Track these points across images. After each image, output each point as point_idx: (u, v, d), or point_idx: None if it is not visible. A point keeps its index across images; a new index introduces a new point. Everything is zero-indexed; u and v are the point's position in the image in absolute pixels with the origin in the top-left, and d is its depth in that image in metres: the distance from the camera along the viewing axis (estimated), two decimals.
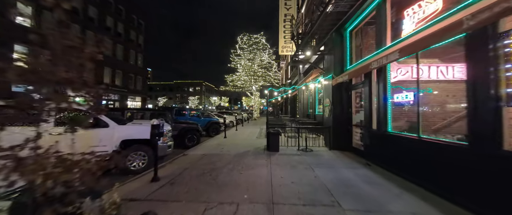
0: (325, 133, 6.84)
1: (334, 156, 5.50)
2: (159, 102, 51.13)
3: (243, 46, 21.41)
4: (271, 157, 5.38)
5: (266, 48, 21.54)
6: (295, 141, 6.54)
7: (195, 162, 4.98)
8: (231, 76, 23.09)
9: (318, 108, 10.24)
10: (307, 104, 12.07)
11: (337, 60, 6.30)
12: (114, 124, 4.27)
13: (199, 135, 7.51)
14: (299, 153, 5.75)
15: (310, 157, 5.36)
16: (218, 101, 55.06)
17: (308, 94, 11.93)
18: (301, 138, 6.47)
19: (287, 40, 11.03)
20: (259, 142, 7.66)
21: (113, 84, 22.55)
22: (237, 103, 77.17)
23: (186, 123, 7.59)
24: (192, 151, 6.30)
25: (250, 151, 6.10)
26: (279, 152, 5.91)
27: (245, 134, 10.36)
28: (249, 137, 9.29)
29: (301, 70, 12.49)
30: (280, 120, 13.21)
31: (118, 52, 23.45)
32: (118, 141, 4.22)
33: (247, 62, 21.44)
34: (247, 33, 20.92)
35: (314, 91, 10.54)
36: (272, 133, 5.87)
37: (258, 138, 8.97)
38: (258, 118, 24.46)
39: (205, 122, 10.22)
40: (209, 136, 10.12)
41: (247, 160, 5.09)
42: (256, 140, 8.39)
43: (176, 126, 7.19)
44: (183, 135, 7.23)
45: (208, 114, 12.93)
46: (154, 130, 3.60)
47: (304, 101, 12.22)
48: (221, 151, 6.16)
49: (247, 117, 20.92)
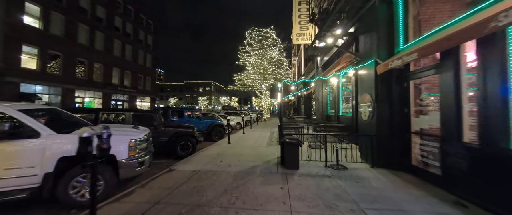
0: (361, 142, 4.88)
1: (386, 181, 3.54)
2: (170, 102, 51.40)
3: (251, 42, 19.72)
4: (288, 179, 3.58)
5: (277, 43, 19.63)
6: (318, 152, 4.68)
7: (177, 187, 3.35)
8: (239, 75, 21.55)
9: (343, 107, 8.19)
10: (327, 103, 10.01)
11: (383, 39, 4.32)
12: (49, 132, 2.75)
13: (195, 142, 5.93)
14: (329, 174, 3.88)
15: (349, 182, 3.47)
16: (228, 101, 54.08)
17: (329, 91, 9.88)
18: (323, 145, 4.58)
19: (303, 25, 9.21)
20: (270, 151, 5.88)
21: (121, 85, 22.14)
22: (247, 103, 75.89)
23: (180, 127, 6.05)
24: (183, 164, 4.70)
25: (258, 168, 4.35)
26: (299, 170, 4.09)
27: (253, 138, 8.64)
28: (258, 143, 7.54)
29: (319, 63, 10.49)
30: (294, 121, 11.30)
31: (127, 52, 23.03)
32: (54, 159, 2.70)
33: (256, 59, 19.73)
34: (256, 28, 19.17)
35: (338, 87, 8.51)
36: (288, 143, 4.06)
37: (269, 144, 7.19)
38: (268, 118, 22.63)
39: (206, 125, 8.67)
40: (212, 140, 8.56)
41: (252, 185, 3.35)
42: (267, 147, 6.61)
43: (167, 131, 5.67)
44: (175, 141, 5.69)
45: (212, 115, 11.41)
46: (82, 147, 1.99)
47: (323, 99, 10.19)
48: (219, 166, 4.49)
49: (257, 118, 19.21)
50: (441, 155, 3.08)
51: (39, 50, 15.24)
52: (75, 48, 17.57)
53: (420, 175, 3.55)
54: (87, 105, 19.18)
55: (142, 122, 5.49)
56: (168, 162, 5.35)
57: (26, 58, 14.69)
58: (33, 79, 14.86)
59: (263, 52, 19.59)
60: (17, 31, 13.86)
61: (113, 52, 21.30)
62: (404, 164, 3.91)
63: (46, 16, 15.59)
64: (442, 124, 3.10)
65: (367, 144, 4.39)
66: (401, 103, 4.05)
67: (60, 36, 16.47)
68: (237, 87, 22.15)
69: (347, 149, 4.78)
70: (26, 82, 14.52)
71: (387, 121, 4.21)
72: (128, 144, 3.23)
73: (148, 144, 3.93)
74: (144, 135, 3.70)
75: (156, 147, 5.61)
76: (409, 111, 3.89)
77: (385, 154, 4.17)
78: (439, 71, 3.16)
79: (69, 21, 17.04)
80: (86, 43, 18.62)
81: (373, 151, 4.23)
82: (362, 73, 4.91)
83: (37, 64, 15.19)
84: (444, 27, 3.00)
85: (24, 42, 14.38)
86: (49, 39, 15.65)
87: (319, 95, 10.37)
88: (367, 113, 4.60)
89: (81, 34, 18.19)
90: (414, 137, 3.81)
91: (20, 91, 14.38)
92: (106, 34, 20.37)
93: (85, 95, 18.82)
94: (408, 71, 3.92)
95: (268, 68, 20.00)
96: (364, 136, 4.59)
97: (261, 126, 15.47)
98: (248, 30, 19.46)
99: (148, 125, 5.42)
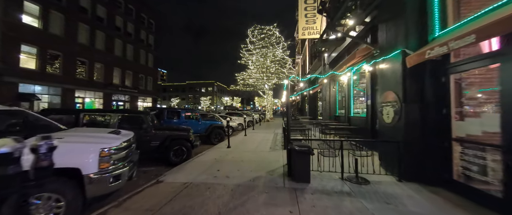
0: (381, 148, 4.11)
1: (425, 202, 2.76)
2: (172, 103, 51.19)
3: (253, 40, 19.01)
4: (299, 198, 2.86)
5: (280, 41, 18.86)
6: (331, 160, 3.94)
7: (161, 207, 2.67)
8: (241, 75, 20.87)
9: (354, 108, 7.40)
10: (335, 103, 9.22)
11: (412, 26, 3.55)
12: None
13: (190, 146, 5.27)
14: (348, 190, 3.14)
15: (377, 204, 2.71)
16: (230, 101, 53.52)
17: (337, 90, 9.09)
18: (337, 152, 3.83)
19: (310, 18, 8.47)
20: (275, 158, 5.16)
21: (123, 85, 21.77)
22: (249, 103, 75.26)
23: (174, 130, 5.39)
24: (173, 174, 4.03)
25: (261, 179, 3.63)
26: (311, 183, 3.36)
27: (256, 141, 7.93)
28: (260, 147, 6.83)
29: (326, 60, 9.70)
30: (299, 122, 10.54)
31: (128, 52, 22.66)
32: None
33: (258, 57, 19.01)
34: (258, 25, 18.44)
35: (348, 85, 7.72)
36: (297, 152, 3.33)
37: (273, 148, 6.46)
38: (271, 119, 21.88)
39: (205, 127, 8.01)
40: (211, 143, 7.89)
41: (253, 206, 2.64)
42: (270, 153, 5.90)
43: (158, 134, 5.02)
44: (168, 146, 5.04)
45: (212, 116, 10.76)
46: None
47: (330, 99, 9.40)
48: (216, 177, 3.80)
49: (259, 118, 18.50)
50: (504, 171, 2.30)
51: (38, 49, 14.91)
52: (75, 47, 17.23)
53: (467, 194, 2.77)
54: (88, 106, 18.85)
55: (131, 124, 4.86)
56: (158, 169, 4.70)
57: (25, 58, 14.37)
58: (32, 79, 14.53)
59: (266, 50, 18.86)
60: (15, 31, 13.53)
61: (114, 52, 20.95)
62: (442, 178, 3.13)
63: (46, 15, 15.26)
64: (503, 130, 2.33)
65: (391, 152, 3.63)
66: (437, 103, 3.27)
67: (60, 36, 16.13)
68: (239, 87, 21.49)
69: (364, 157, 4.01)
70: (25, 82, 14.19)
71: (419, 124, 3.43)
72: (99, 153, 2.57)
73: (130, 152, 3.27)
74: (123, 141, 3.04)
75: (146, 152, 4.98)
76: (449, 112, 3.11)
77: (416, 165, 3.40)
78: (501, 60, 2.38)
79: (69, 21, 16.70)
80: (87, 43, 18.28)
81: (400, 160, 3.46)
82: (383, 68, 4.14)
83: (36, 64, 14.87)
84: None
85: (23, 41, 14.05)
86: (48, 38, 15.32)
87: (327, 95, 9.58)
88: (390, 114, 3.83)
89: (82, 34, 17.85)
90: (455, 145, 3.03)
91: (19, 91, 14.07)
92: (107, 34, 20.02)
93: (86, 96, 18.48)
94: (447, 64, 3.14)
95: (271, 67, 19.26)
96: (386, 142, 3.83)
97: (264, 127, 14.75)
98: (250, 28, 18.75)
99: (137, 127, 4.79)
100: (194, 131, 7.69)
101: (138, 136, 4.80)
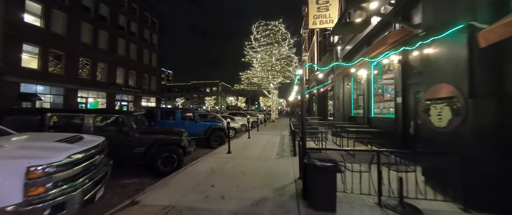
0: (427, 161, 3.04)
1: None
2: (177, 103, 51.07)
3: (258, 37, 18.04)
4: None
5: (286, 38, 17.78)
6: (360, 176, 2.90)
7: None
8: (246, 73, 19.96)
9: (375, 107, 6.29)
10: (350, 102, 8.11)
11: None
12: None
13: (182, 153, 4.38)
14: None
15: None
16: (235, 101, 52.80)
17: (352, 88, 7.98)
18: (364, 165, 2.79)
19: (322, 5, 7.35)
20: (284, 168, 4.19)
21: (126, 85, 21.42)
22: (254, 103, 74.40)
23: (164, 133, 4.53)
24: (155, 191, 3.15)
25: (267, 204, 2.67)
26: (337, 213, 2.36)
27: (260, 145, 6.97)
28: (266, 152, 5.86)
29: (340, 53, 8.60)
30: (308, 124, 9.49)
31: (132, 52, 22.30)
32: None
33: (263, 55, 18.02)
34: (263, 21, 17.42)
35: (367, 81, 6.61)
36: (319, 169, 2.34)
37: (280, 155, 5.48)
38: (276, 119, 20.85)
39: (204, 128, 7.12)
40: (211, 147, 7.00)
41: None
42: (278, 160, 4.92)
43: (143, 139, 4.17)
44: (156, 153, 4.18)
45: (213, 116, 9.89)
46: None
47: (344, 97, 8.30)
48: (207, 197, 2.88)
49: (264, 119, 17.51)
50: None
51: (40, 49, 14.63)
52: (78, 47, 16.91)
53: None
54: (92, 106, 18.57)
55: (109, 126, 4.04)
56: (143, 182, 3.85)
57: (27, 58, 14.10)
58: (34, 79, 14.24)
59: (271, 48, 17.83)
60: (17, 30, 13.24)
61: (117, 51, 20.60)
62: None
63: (48, 14, 14.97)
64: None
65: (443, 167, 2.57)
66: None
67: (62, 35, 15.83)
68: (244, 86, 20.60)
69: (402, 171, 2.94)
70: (26, 82, 13.91)
71: (493, 129, 2.36)
72: (24, 174, 1.70)
73: (93, 165, 2.41)
74: (77, 152, 2.17)
75: (130, 160, 4.16)
76: None
77: (490, 189, 2.33)
78: None
79: (72, 20, 16.39)
80: (90, 42, 17.97)
81: (465, 181, 2.40)
82: (432, 53, 3.06)
83: (38, 64, 14.59)
84: None
85: (25, 41, 13.78)
86: (50, 38, 15.02)
87: (340, 93, 8.48)
88: (445, 115, 2.76)
89: (84, 33, 17.54)
90: None
91: (21, 91, 13.81)
92: (110, 33, 19.68)
93: (89, 95, 18.18)
94: None
95: (276, 65, 18.21)
96: (439, 154, 2.76)
97: (269, 127, 13.77)
98: (254, 24, 17.78)
99: (116, 130, 3.96)
100: (191, 133, 6.85)
101: (118, 141, 3.98)
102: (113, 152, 3.92)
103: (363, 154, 2.82)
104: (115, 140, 3.95)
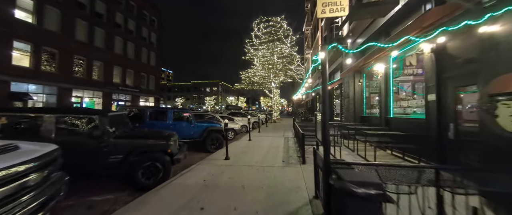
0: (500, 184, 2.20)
1: None
2: (177, 103, 50.32)
3: (259, 34, 17.21)
4: None
5: (288, 34, 16.94)
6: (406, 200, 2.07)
7: None
8: (246, 72, 19.14)
9: (394, 106, 5.46)
10: (362, 101, 7.28)
11: None
12: None
13: (169, 161, 3.58)
14: None
15: None
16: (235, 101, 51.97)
17: (364, 85, 7.15)
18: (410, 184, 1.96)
19: None
20: (293, 181, 3.37)
21: (123, 84, 20.68)
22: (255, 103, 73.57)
23: (146, 137, 3.72)
24: (129, 214, 2.34)
25: None
26: None
27: (263, 148, 6.15)
28: (270, 158, 5.05)
29: (350, 47, 7.76)
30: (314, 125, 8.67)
31: (129, 50, 21.56)
32: None
33: (265, 53, 17.20)
34: (264, 17, 16.58)
35: (385, 76, 5.78)
36: (357, 196, 1.51)
37: (287, 161, 4.66)
38: (278, 119, 20.03)
39: (199, 130, 6.31)
40: (207, 151, 6.19)
41: None
42: (284, 169, 4.11)
43: (119, 145, 3.37)
44: (136, 162, 3.37)
45: (211, 117, 9.09)
46: None
47: (355, 95, 7.47)
48: None
49: (266, 119, 16.69)
50: None
51: (32, 46, 13.90)
52: (73, 45, 16.18)
53: None
54: (88, 106, 17.83)
55: (77, 130, 3.25)
56: (117, 199, 3.05)
57: (18, 55, 13.38)
58: (25, 78, 13.51)
59: (272, 45, 17.00)
60: (7, 26, 12.52)
61: (114, 49, 19.87)
62: None
63: (40, 10, 14.24)
64: None
65: None
66: None
67: (56, 32, 15.10)
68: (244, 85, 19.78)
69: (468, 194, 2.09)
70: (17, 80, 13.18)
71: None
72: None
73: (18, 190, 1.61)
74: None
75: (103, 170, 3.36)
76: None
77: None
78: None
79: (66, 16, 15.66)
80: (85, 40, 17.24)
81: None
82: (503, 30, 2.23)
83: (30, 62, 13.86)
84: None
85: (15, 37, 13.05)
86: (43, 35, 14.29)
87: (349, 91, 7.65)
88: None
89: (79, 30, 16.80)
90: None
91: (11, 90, 13.09)
92: (106, 31, 18.95)
93: (84, 95, 17.45)
94: None
95: (278, 64, 17.38)
96: None
97: (271, 128, 12.95)
98: (255, 20, 16.95)
99: (87, 134, 3.16)
100: (184, 136, 6.04)
101: (88, 148, 3.18)
102: (81, 161, 3.14)
103: (404, 169, 1.99)
104: (84, 147, 3.16)
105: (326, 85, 2.15)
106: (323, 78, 2.14)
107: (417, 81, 4.64)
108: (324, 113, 2.08)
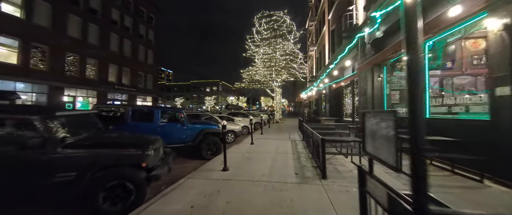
0: None
1: None
2: (177, 102, 49.32)
3: (260, 29, 16.19)
4: None
5: (292, 30, 15.92)
6: None
7: None
8: (247, 70, 18.12)
9: (431, 103, 4.42)
10: (383, 98, 6.25)
11: None
12: None
13: (143, 179, 2.57)
14: None
15: None
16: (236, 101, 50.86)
17: (385, 80, 6.12)
18: None
19: None
20: (318, 209, 2.35)
21: (119, 83, 19.71)
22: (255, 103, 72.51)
23: (115, 145, 2.71)
24: None
25: None
26: None
27: (269, 155, 5.13)
28: (279, 169, 4.02)
29: (367, 39, 6.74)
30: (323, 126, 7.64)
31: (126, 48, 20.59)
32: None
33: (266, 49, 16.18)
34: (266, 12, 15.54)
35: None
36: None
37: (302, 175, 3.63)
38: (281, 120, 19.01)
39: (193, 133, 5.28)
40: (202, 157, 5.17)
41: None
42: (301, 188, 3.08)
43: (71, 157, 2.36)
44: (95, 182, 2.36)
45: (210, 117, 8.08)
46: None
47: (374, 92, 6.43)
48: None
49: (268, 119, 15.67)
50: None
51: (20, 42, 12.97)
52: (65, 41, 15.21)
53: None
54: (82, 106, 16.85)
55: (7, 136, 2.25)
56: None
57: (5, 52, 12.46)
58: (13, 75, 12.57)
59: (274, 42, 15.98)
60: None
61: (110, 47, 18.91)
62: None
63: (29, 4, 13.31)
64: None
65: None
66: None
67: (46, 28, 14.15)
68: (245, 84, 18.77)
69: None
70: (4, 78, 12.25)
71: None
72: None
73: None
74: None
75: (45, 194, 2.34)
76: None
77: None
78: None
79: (58, 11, 14.71)
80: (78, 37, 16.28)
81: None
82: None
83: (18, 59, 12.92)
84: None
85: (2, 33, 12.13)
86: (33, 30, 13.34)
87: (367, 87, 6.61)
88: None
89: (72, 26, 15.84)
90: None
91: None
92: (101, 27, 17.99)
93: (77, 94, 16.49)
94: None
95: (281, 61, 16.35)
96: None
97: (274, 130, 11.94)
98: (257, 15, 15.93)
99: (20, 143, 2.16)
100: (176, 141, 5.01)
101: (22, 162, 2.18)
102: (10, 182, 2.13)
103: None
104: (16, 160, 2.16)
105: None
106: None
107: (474, 74, 3.60)
108: (414, 111, 1.04)
